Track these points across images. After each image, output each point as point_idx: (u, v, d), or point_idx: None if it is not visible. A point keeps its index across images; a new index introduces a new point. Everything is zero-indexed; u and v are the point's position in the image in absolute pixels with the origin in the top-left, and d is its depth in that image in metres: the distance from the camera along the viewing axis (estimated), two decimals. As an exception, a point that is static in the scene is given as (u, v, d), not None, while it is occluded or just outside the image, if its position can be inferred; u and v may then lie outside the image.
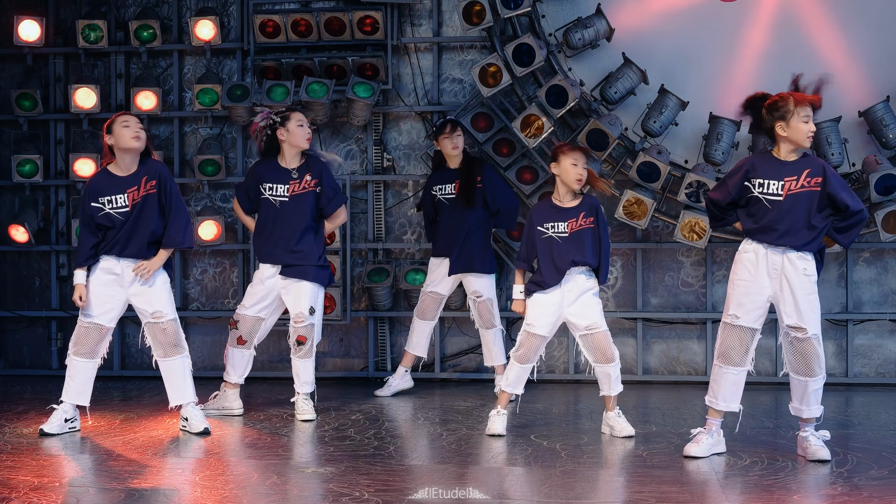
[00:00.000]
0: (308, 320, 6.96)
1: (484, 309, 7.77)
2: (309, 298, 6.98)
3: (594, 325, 6.35)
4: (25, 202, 9.04)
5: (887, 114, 7.95)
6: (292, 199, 6.98)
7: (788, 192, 5.74)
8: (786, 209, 5.73)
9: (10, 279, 9.18)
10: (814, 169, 5.77)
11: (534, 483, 5.32)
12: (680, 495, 5.10)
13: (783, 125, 5.75)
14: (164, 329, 6.49)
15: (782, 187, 5.75)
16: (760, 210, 5.78)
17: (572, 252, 6.31)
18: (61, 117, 9.01)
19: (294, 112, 7.04)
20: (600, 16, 8.18)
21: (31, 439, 6.32)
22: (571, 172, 6.31)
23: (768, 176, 5.78)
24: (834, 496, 5.08)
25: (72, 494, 5.04)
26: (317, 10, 8.69)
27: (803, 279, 5.75)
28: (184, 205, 6.59)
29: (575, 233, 6.33)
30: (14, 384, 8.58)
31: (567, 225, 6.35)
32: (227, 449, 6.22)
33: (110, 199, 6.42)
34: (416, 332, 7.93)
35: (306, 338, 6.96)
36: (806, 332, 5.77)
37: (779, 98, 5.80)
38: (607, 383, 6.44)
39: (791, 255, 5.76)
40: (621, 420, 6.46)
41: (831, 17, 8.25)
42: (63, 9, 9.15)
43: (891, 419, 7.17)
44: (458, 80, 8.77)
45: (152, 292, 6.48)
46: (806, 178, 5.75)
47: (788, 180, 5.75)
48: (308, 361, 7.02)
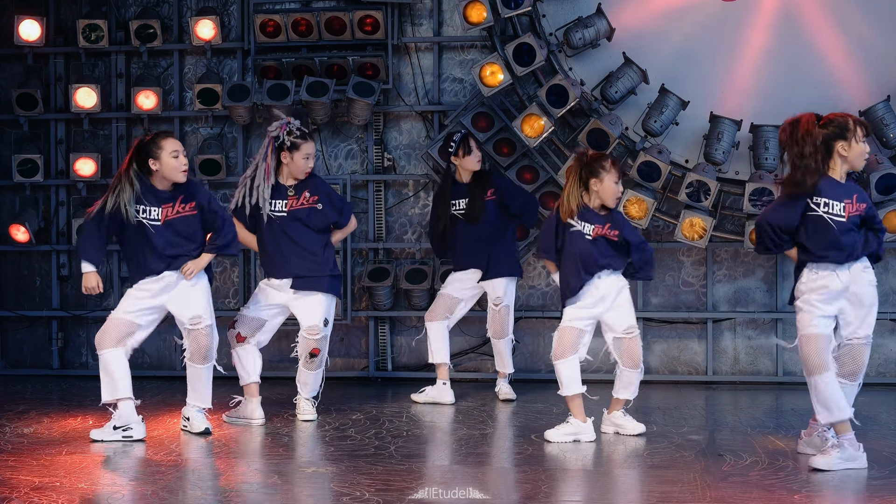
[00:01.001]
0: (322, 332, 6.87)
1: (500, 317, 7.71)
2: (323, 310, 6.90)
3: (630, 328, 6.36)
4: (26, 202, 9.04)
5: (888, 113, 7.94)
6: (290, 214, 6.90)
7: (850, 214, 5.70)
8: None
9: (10, 279, 9.18)
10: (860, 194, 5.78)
11: (534, 483, 5.32)
12: (681, 494, 5.10)
13: (844, 145, 5.69)
14: (201, 335, 6.42)
15: (843, 209, 5.69)
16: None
17: (601, 253, 6.32)
18: (62, 117, 9.00)
19: (306, 143, 6.88)
20: (601, 15, 8.18)
21: (31, 439, 6.32)
22: (614, 190, 6.32)
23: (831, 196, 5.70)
24: (835, 496, 5.07)
25: (72, 494, 5.03)
26: (317, 9, 8.69)
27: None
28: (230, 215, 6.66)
29: (600, 237, 6.34)
30: (15, 384, 8.57)
31: (594, 229, 6.34)
32: (228, 449, 6.21)
33: (146, 209, 6.36)
34: (430, 339, 7.79)
35: (320, 350, 6.88)
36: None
37: (841, 117, 5.72)
38: (628, 388, 6.44)
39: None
40: (628, 419, 6.47)
41: (831, 17, 8.24)
42: (63, 8, 9.15)
43: (891, 419, 7.17)
44: (458, 80, 8.77)
45: (192, 297, 6.43)
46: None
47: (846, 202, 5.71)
48: (318, 373, 6.97)
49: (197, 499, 5.04)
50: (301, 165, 6.86)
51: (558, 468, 5.60)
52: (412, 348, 8.78)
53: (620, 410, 6.49)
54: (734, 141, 8.02)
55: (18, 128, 9.06)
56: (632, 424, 6.46)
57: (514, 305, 7.83)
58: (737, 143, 8.06)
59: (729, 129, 7.97)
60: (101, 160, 8.82)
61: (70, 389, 8.37)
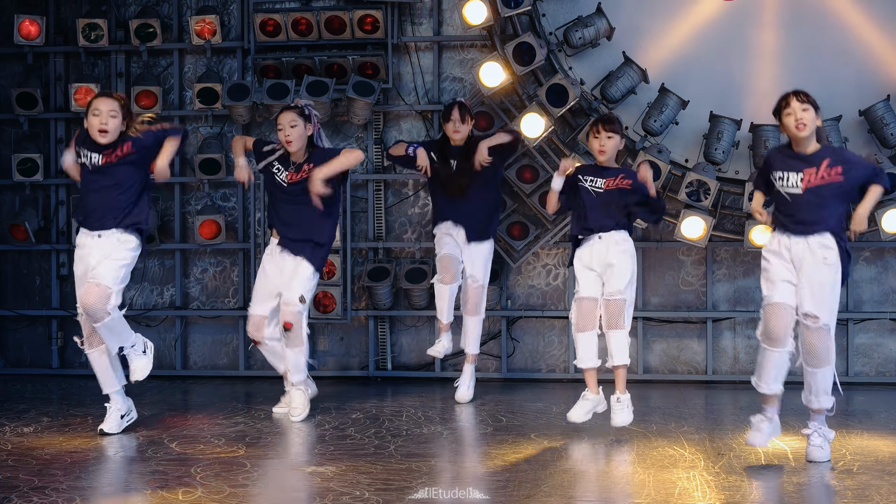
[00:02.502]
0: (297, 307, 6.81)
1: (475, 294, 7.61)
2: (302, 285, 6.87)
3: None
4: (26, 201, 9.03)
5: (887, 113, 7.94)
6: (290, 185, 6.92)
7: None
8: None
9: (10, 278, 9.17)
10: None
11: (534, 481, 5.31)
12: (681, 493, 5.09)
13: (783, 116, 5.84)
14: None
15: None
16: None
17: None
18: (62, 116, 9.00)
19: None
20: (601, 15, 8.17)
21: (31, 438, 6.31)
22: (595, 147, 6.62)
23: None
24: (833, 495, 5.07)
25: (71, 493, 5.03)
26: (317, 9, 8.68)
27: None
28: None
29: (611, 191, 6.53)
30: (14, 383, 8.57)
31: (605, 182, 6.54)
32: (228, 448, 6.20)
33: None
34: (437, 298, 7.72)
35: (292, 324, 6.79)
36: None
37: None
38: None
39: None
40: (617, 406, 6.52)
41: (831, 17, 8.24)
42: (63, 8, 9.14)
43: (891, 418, 7.16)
44: (458, 79, 8.76)
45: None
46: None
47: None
48: (297, 351, 6.87)
49: (197, 498, 5.03)
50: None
51: (558, 466, 5.60)
52: (412, 347, 8.78)
53: (614, 395, 6.52)
54: (734, 140, 8.02)
55: (18, 127, 9.05)
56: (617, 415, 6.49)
57: (514, 305, 7.81)
58: (737, 142, 8.05)
59: (729, 129, 7.97)
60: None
61: (70, 388, 8.37)
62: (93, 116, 6.29)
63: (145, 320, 8.81)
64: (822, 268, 5.71)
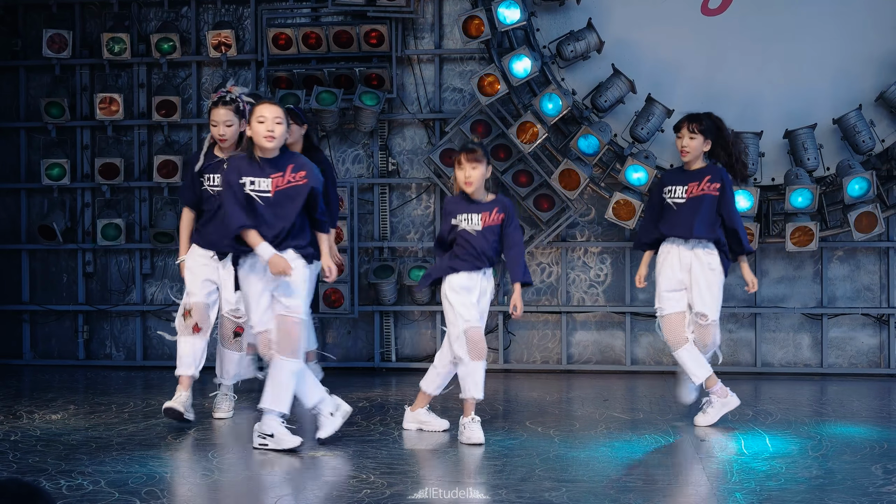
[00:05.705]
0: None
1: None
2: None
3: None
4: (54, 203, 9.04)
5: (860, 121, 7.95)
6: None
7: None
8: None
9: (39, 275, 9.19)
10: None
11: (528, 466, 5.32)
12: (664, 477, 5.11)
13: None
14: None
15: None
16: None
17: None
18: (87, 124, 9.01)
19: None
20: (591, 29, 8.18)
21: (58, 425, 6.32)
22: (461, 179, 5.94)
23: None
24: (809, 479, 5.08)
25: (96, 477, 5.03)
26: (326, 24, 8.69)
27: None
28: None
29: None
30: (43, 374, 8.59)
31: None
32: (233, 436, 6.21)
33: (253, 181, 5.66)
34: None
35: (244, 330, 6.43)
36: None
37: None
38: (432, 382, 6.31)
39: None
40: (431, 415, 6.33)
41: (807, 31, 8.25)
42: (89, 23, 9.15)
43: (863, 407, 7.17)
44: (458, 90, 8.77)
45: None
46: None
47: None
48: (235, 353, 6.59)
49: (206, 484, 5.04)
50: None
51: (552, 453, 5.60)
52: (414, 340, 8.79)
53: (425, 407, 6.25)
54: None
55: (47, 134, 9.07)
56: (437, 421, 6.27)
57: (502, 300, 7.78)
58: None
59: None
60: (123, 165, 8.83)
61: (95, 379, 8.38)
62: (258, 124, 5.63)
63: (165, 315, 8.82)
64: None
